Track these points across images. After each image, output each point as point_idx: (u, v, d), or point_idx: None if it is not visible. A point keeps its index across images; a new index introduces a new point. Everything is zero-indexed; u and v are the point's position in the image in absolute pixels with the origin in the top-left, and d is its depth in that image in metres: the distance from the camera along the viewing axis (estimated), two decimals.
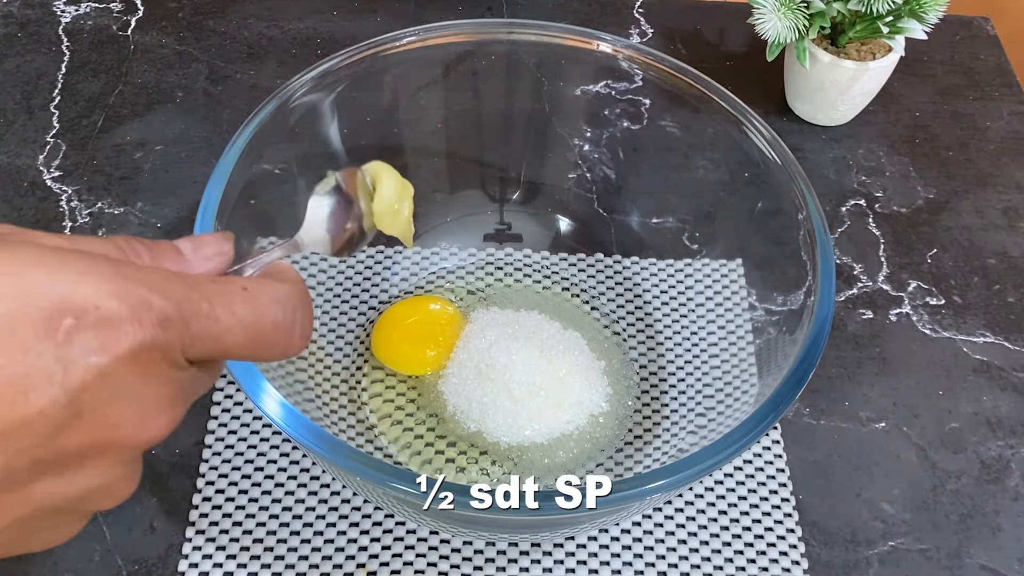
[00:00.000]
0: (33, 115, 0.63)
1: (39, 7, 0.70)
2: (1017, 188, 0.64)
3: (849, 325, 0.56)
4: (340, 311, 0.52)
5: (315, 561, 0.44)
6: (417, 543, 0.45)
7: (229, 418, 0.49)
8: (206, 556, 0.44)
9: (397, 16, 0.72)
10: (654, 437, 0.49)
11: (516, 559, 0.45)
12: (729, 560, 0.46)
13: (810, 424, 0.51)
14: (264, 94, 0.55)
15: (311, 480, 0.47)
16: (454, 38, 0.51)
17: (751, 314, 0.51)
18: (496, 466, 0.48)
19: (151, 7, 0.71)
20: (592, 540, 0.46)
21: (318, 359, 0.50)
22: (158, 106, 0.64)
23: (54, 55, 0.67)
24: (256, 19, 0.71)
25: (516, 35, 0.52)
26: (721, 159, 0.53)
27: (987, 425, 0.52)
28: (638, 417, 0.50)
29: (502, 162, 0.58)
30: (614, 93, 0.54)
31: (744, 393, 0.47)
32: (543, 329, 0.51)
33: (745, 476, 0.49)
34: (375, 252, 0.55)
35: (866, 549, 0.47)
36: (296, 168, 0.51)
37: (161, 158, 0.61)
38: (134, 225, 0.57)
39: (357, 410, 0.49)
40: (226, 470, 0.47)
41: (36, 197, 0.58)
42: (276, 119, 0.46)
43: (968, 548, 0.47)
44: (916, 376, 0.54)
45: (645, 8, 0.74)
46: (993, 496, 0.49)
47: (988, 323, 0.56)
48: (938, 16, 0.59)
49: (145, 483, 0.47)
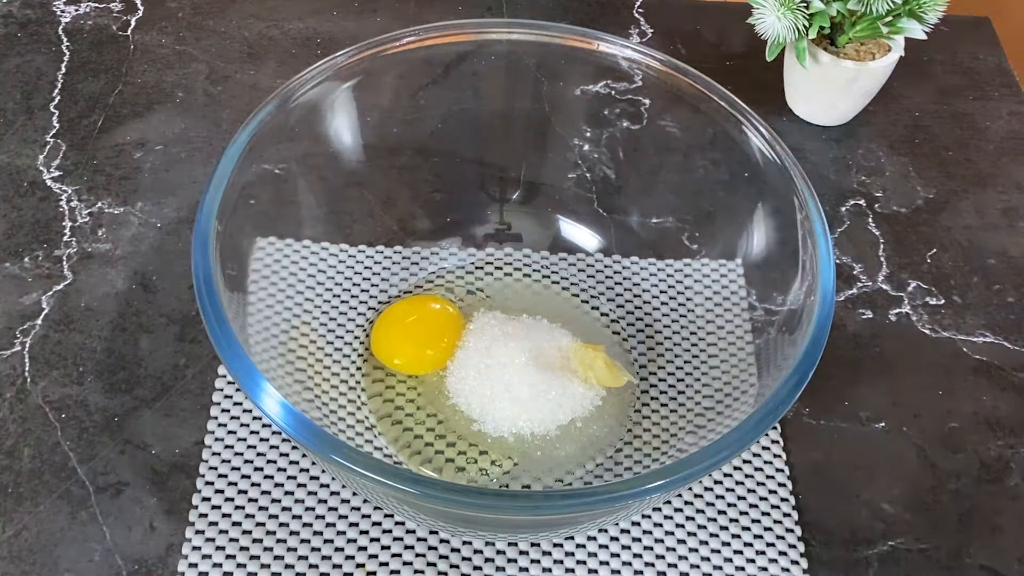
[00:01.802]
0: (33, 115, 0.63)
1: (39, 7, 0.70)
2: (1017, 188, 0.64)
3: (849, 325, 0.56)
4: (340, 311, 0.52)
5: (314, 561, 0.44)
6: (416, 543, 0.45)
7: (229, 418, 0.49)
8: (205, 556, 0.44)
9: (397, 16, 0.72)
10: (653, 437, 0.49)
11: (515, 559, 0.45)
12: (728, 560, 0.46)
13: (810, 424, 0.51)
14: (264, 94, 0.55)
15: (311, 480, 0.47)
16: (454, 38, 0.51)
17: (751, 314, 0.51)
18: (496, 466, 0.48)
19: (151, 7, 0.71)
20: (591, 540, 0.46)
21: (318, 359, 0.50)
22: (158, 106, 0.64)
23: (54, 55, 0.67)
24: (256, 19, 0.71)
25: (516, 35, 0.52)
26: (721, 159, 0.53)
27: (987, 425, 0.52)
28: (638, 417, 0.50)
29: (502, 162, 0.58)
30: (614, 93, 0.54)
31: (744, 393, 0.47)
32: (543, 329, 0.51)
33: (744, 476, 0.49)
34: (375, 252, 0.55)
35: (866, 549, 0.47)
36: (296, 168, 0.51)
37: (161, 158, 0.61)
38: (134, 225, 0.57)
39: (357, 410, 0.49)
40: (226, 470, 0.47)
41: (36, 197, 0.58)
42: (276, 119, 0.46)
43: (968, 548, 0.47)
44: (916, 376, 0.54)
45: (645, 8, 0.74)
46: (993, 496, 0.49)
47: (988, 323, 0.56)
48: (938, 16, 0.59)
49: (145, 483, 0.47)
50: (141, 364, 0.51)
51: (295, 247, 0.53)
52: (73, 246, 0.56)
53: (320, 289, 0.53)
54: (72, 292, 0.54)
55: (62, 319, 0.53)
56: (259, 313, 0.46)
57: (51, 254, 0.55)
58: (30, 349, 0.51)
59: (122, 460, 0.47)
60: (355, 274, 0.54)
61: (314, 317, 0.51)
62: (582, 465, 0.48)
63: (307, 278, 0.52)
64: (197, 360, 0.51)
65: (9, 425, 0.48)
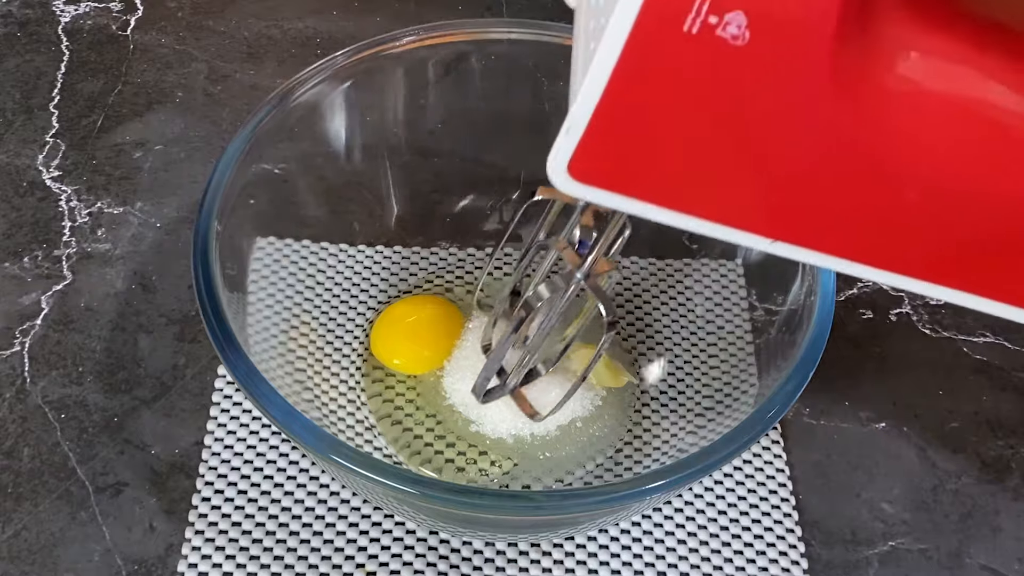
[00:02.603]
0: (32, 115, 0.63)
1: (38, 7, 0.70)
2: None
3: (849, 325, 0.56)
4: (339, 311, 0.52)
5: (314, 561, 0.44)
6: (416, 543, 0.45)
7: (228, 418, 0.49)
8: (205, 556, 0.44)
9: (397, 16, 0.72)
10: (653, 437, 0.49)
11: (515, 559, 0.45)
12: (728, 560, 0.46)
13: (810, 424, 0.51)
14: (264, 94, 0.55)
15: (310, 480, 0.47)
16: (454, 38, 0.51)
17: (751, 314, 0.51)
18: (495, 466, 0.48)
19: (150, 7, 0.71)
20: (591, 540, 0.46)
21: (317, 359, 0.50)
22: (157, 106, 0.64)
23: (53, 55, 0.67)
24: (256, 18, 0.71)
25: (516, 35, 0.52)
26: None
27: (987, 425, 0.52)
28: (638, 417, 0.50)
29: (502, 162, 0.58)
30: None
31: (744, 393, 0.47)
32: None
33: (745, 476, 0.49)
34: (374, 252, 0.55)
35: (866, 549, 0.47)
36: (296, 168, 0.51)
37: (160, 158, 0.61)
38: (133, 225, 0.57)
39: (357, 410, 0.49)
40: (225, 470, 0.47)
41: (35, 197, 0.58)
42: (276, 119, 0.46)
43: (968, 548, 0.47)
44: (916, 376, 0.54)
45: None
46: (993, 496, 0.49)
47: (988, 323, 0.56)
48: None
49: (144, 483, 0.47)
50: (141, 364, 0.51)
51: (295, 247, 0.52)
52: (72, 246, 0.56)
53: (320, 289, 0.53)
54: (71, 292, 0.54)
55: (61, 319, 0.52)
56: (259, 313, 0.46)
57: (50, 254, 0.55)
58: (29, 349, 0.51)
59: (122, 460, 0.47)
60: (355, 274, 0.54)
61: (314, 317, 0.51)
62: (582, 465, 0.48)
63: (307, 278, 0.52)
64: (197, 360, 0.51)
65: (8, 425, 0.48)
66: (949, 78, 0.25)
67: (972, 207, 0.26)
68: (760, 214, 0.27)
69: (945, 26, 0.25)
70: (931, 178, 0.26)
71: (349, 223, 0.55)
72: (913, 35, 0.25)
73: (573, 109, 0.26)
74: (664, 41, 0.23)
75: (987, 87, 0.25)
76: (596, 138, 0.26)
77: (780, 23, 0.23)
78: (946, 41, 0.25)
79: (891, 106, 0.25)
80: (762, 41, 0.23)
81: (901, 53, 0.25)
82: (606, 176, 0.27)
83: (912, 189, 0.26)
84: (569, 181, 0.27)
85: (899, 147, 0.25)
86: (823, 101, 0.24)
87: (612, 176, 0.27)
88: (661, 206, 0.27)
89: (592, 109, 0.25)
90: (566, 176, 0.27)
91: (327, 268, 0.54)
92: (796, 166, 0.26)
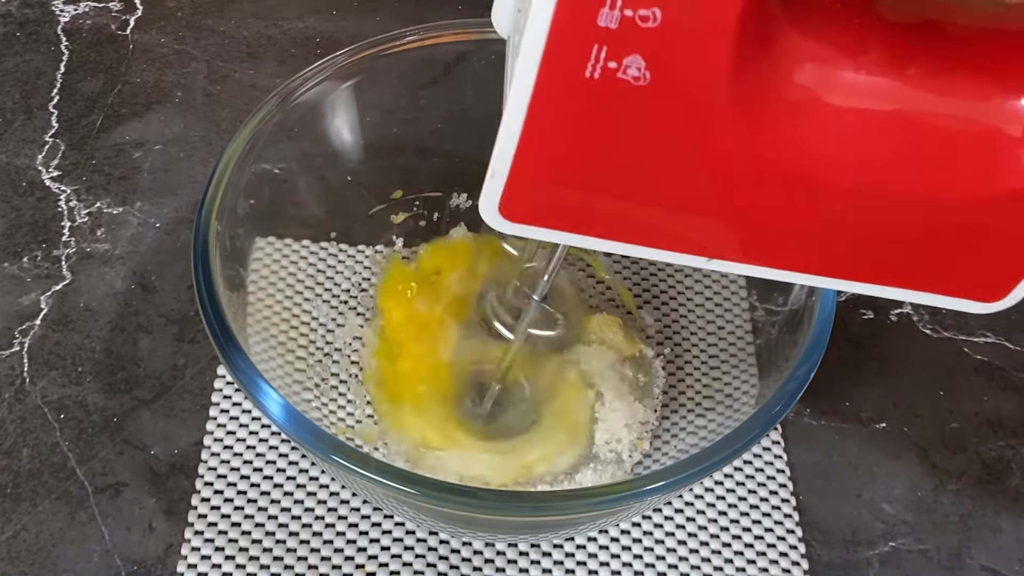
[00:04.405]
0: (32, 115, 0.63)
1: (38, 6, 0.70)
2: None
3: (850, 325, 0.56)
4: (339, 311, 0.52)
5: (314, 562, 0.44)
6: (416, 543, 0.45)
7: (228, 419, 0.49)
8: (204, 557, 0.44)
9: (397, 16, 0.72)
10: (654, 437, 0.49)
11: (515, 560, 0.45)
12: (729, 561, 0.46)
13: (810, 424, 0.51)
14: (263, 94, 0.55)
15: (310, 480, 0.47)
16: (454, 38, 0.51)
17: (751, 314, 0.51)
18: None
19: (150, 6, 0.71)
20: (591, 540, 0.46)
21: (317, 359, 0.49)
22: (157, 106, 0.64)
23: (53, 55, 0.67)
24: (255, 18, 0.71)
25: None
26: None
27: (988, 425, 0.52)
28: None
29: None
30: None
31: (744, 394, 0.47)
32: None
33: (745, 476, 0.48)
34: (374, 252, 0.55)
35: (867, 550, 0.47)
36: (296, 168, 0.51)
37: (160, 158, 0.61)
38: (133, 225, 0.57)
39: (357, 410, 0.49)
40: (225, 471, 0.47)
41: (35, 197, 0.58)
42: (276, 118, 0.46)
43: (969, 548, 0.47)
44: (917, 376, 0.54)
45: None
46: (994, 496, 0.49)
47: (989, 323, 0.56)
48: None
49: (144, 483, 0.47)
50: (140, 364, 0.51)
51: (295, 247, 0.52)
52: (72, 246, 0.56)
53: (320, 289, 0.53)
54: (71, 292, 0.54)
55: (61, 319, 0.52)
56: (259, 313, 0.46)
57: (50, 254, 0.55)
58: (29, 349, 0.51)
59: (121, 460, 0.47)
60: (355, 274, 0.54)
61: (313, 317, 0.51)
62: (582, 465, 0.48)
63: (307, 278, 0.52)
64: (196, 360, 0.51)
65: (8, 425, 0.48)
66: (841, 84, 0.26)
67: (885, 206, 0.27)
68: (689, 236, 0.28)
69: (831, 33, 0.25)
70: (842, 181, 0.27)
71: (349, 223, 0.55)
72: (804, 46, 0.25)
73: (495, 154, 0.27)
74: (569, 87, 0.24)
75: (878, 88, 0.26)
76: (521, 180, 0.27)
77: (677, 63, 0.24)
78: (832, 48, 0.25)
79: (794, 118, 0.26)
80: (663, 79, 0.24)
81: (796, 66, 0.25)
82: (536, 214, 0.28)
83: (825, 194, 0.27)
84: (503, 222, 0.28)
85: (808, 155, 0.26)
86: (731, 124, 0.25)
87: (542, 213, 0.28)
88: (594, 236, 0.28)
89: (512, 154, 0.27)
90: (499, 218, 0.28)
91: (327, 268, 0.53)
92: (714, 187, 0.27)
